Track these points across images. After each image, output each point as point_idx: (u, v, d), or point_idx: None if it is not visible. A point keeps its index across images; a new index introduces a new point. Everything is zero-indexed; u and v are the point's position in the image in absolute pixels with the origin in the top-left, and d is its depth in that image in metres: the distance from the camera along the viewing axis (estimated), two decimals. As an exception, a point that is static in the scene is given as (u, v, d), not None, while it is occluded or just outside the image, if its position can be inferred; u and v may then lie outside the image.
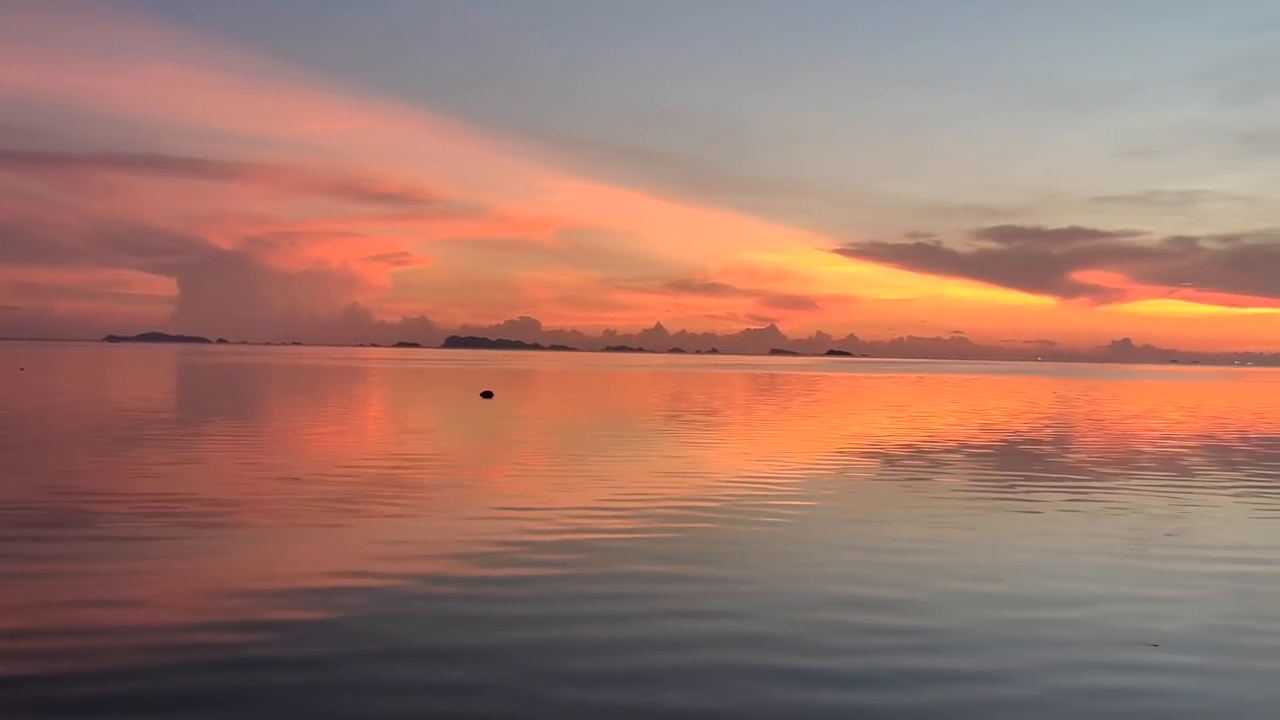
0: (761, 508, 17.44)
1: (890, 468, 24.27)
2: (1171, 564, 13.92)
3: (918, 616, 10.82)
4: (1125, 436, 36.72)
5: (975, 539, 15.32)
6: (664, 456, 25.32)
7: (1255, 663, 9.57)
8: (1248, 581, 12.97)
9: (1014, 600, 11.72)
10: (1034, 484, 22.07)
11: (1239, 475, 24.91)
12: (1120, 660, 9.51)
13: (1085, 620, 10.87)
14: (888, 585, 12.13)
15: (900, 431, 36.36)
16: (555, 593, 11.38)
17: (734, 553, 13.70)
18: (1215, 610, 11.47)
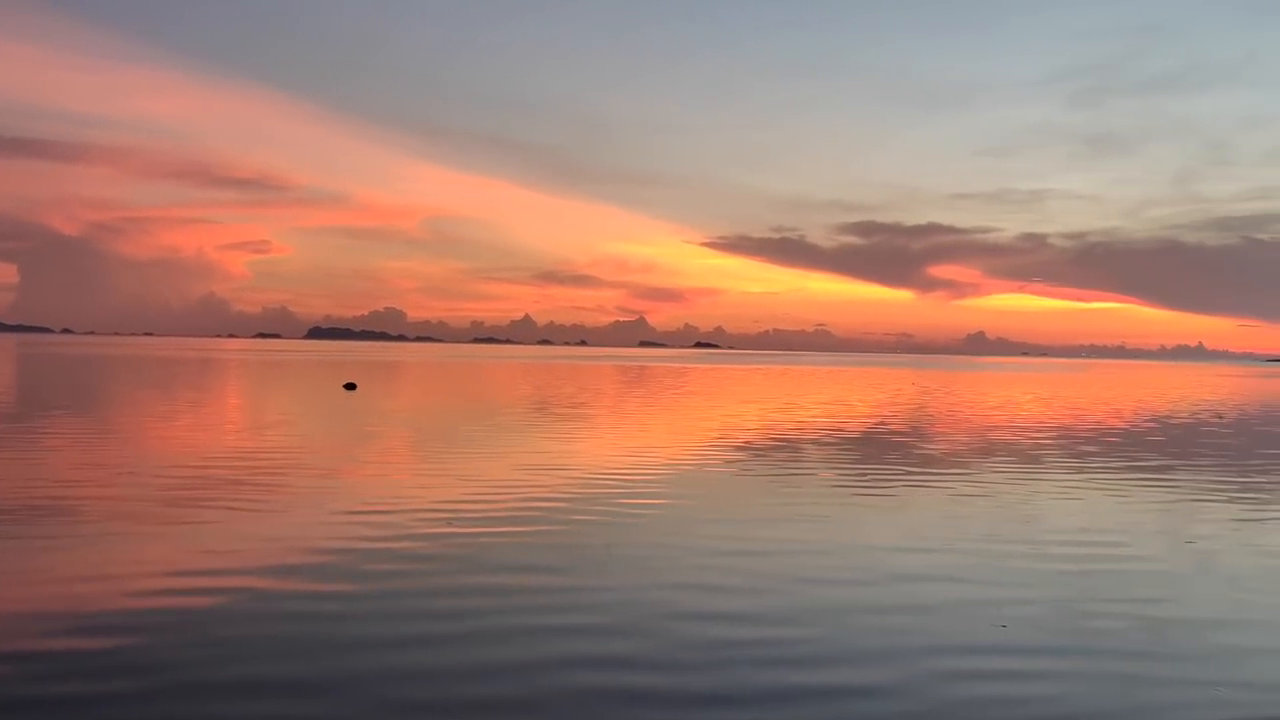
0: (626, 507, 16.87)
1: (756, 461, 24.44)
2: (1022, 548, 14.33)
3: (778, 623, 10.80)
4: (981, 426, 37.97)
5: (836, 533, 15.37)
6: (529, 452, 24.73)
7: (1096, 640, 9.88)
8: (1092, 563, 13.44)
9: (870, 589, 11.89)
10: (894, 474, 22.53)
11: (1087, 462, 25.96)
12: (971, 642, 9.72)
13: (939, 606, 11.08)
14: (748, 591, 11.85)
15: (766, 424, 36.80)
16: (394, 609, 10.37)
17: (594, 559, 12.99)
18: (1061, 591, 11.84)
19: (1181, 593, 12.00)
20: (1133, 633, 10.23)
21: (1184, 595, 11.87)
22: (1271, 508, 18.75)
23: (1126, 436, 34.62)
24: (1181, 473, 23.98)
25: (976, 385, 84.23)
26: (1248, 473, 24.31)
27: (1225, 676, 8.88)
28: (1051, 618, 10.68)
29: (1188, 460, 26.95)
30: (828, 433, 32.74)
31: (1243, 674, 8.99)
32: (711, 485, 19.97)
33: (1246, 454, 29.34)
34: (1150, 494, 20.24)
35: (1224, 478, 23.20)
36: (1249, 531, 16.26)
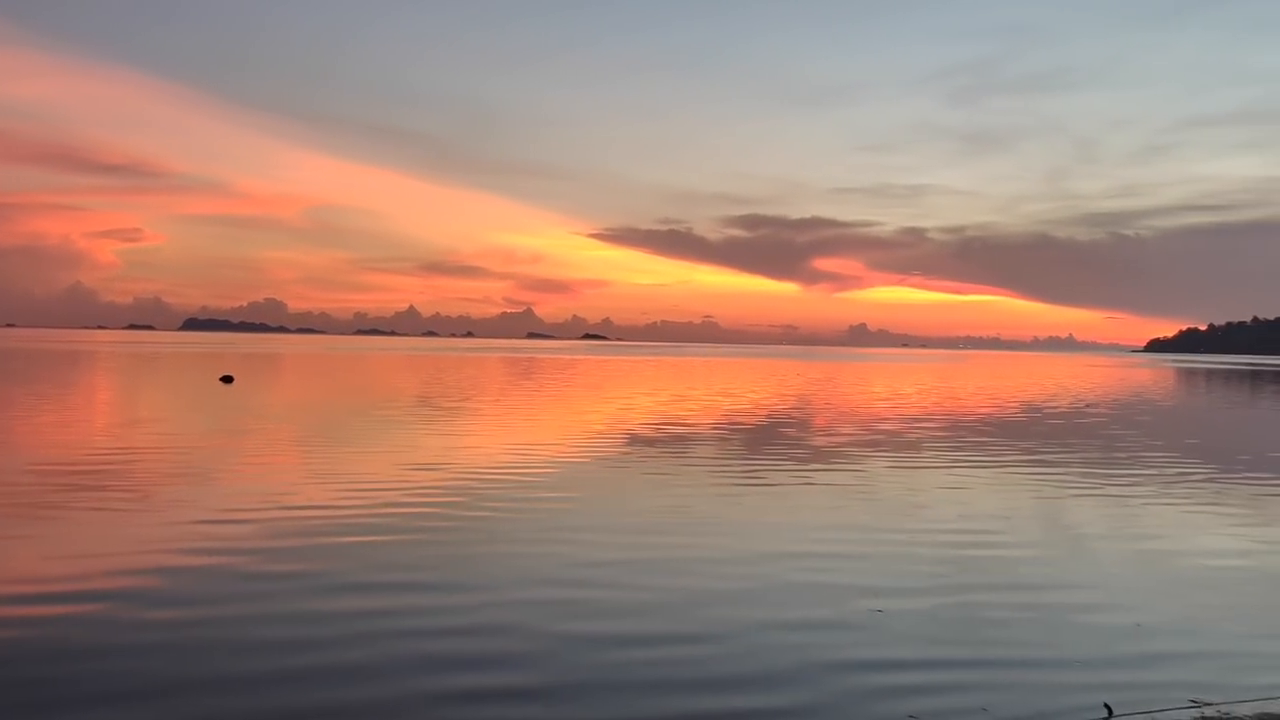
0: (511, 503, 16.43)
1: (643, 455, 24.39)
2: (902, 535, 14.62)
3: (652, 616, 10.77)
4: (864, 416, 38.72)
5: (718, 526, 15.37)
6: (412, 448, 23.97)
7: (971, 622, 10.09)
8: (969, 548, 13.76)
9: (747, 579, 11.95)
10: (779, 465, 22.76)
11: (965, 450, 26.64)
12: (846, 628, 9.87)
13: (816, 594, 11.23)
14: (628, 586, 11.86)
15: (654, 417, 36.89)
16: (264, 612, 9.87)
17: (475, 557, 12.49)
18: (938, 576, 12.09)
19: (1055, 575, 12.35)
20: (1007, 613, 10.48)
21: (1057, 577, 12.22)
22: (1138, 491, 19.49)
23: (1003, 425, 35.69)
24: (1055, 459, 24.79)
25: (859, 376, 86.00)
26: (1116, 458, 25.25)
27: (1097, 655, 9.14)
28: (927, 602, 10.88)
29: (1061, 447, 27.88)
30: (714, 425, 32.95)
31: (1113, 651, 9.26)
32: (598, 481, 19.66)
33: (1115, 440, 30.49)
34: (1026, 480, 20.86)
35: (1094, 463, 24.05)
36: (1118, 514, 16.86)
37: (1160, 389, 72.28)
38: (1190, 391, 70.72)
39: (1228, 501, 18.46)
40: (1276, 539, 15.08)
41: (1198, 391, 71.09)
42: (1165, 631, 9.98)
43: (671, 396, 48.12)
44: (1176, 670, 8.77)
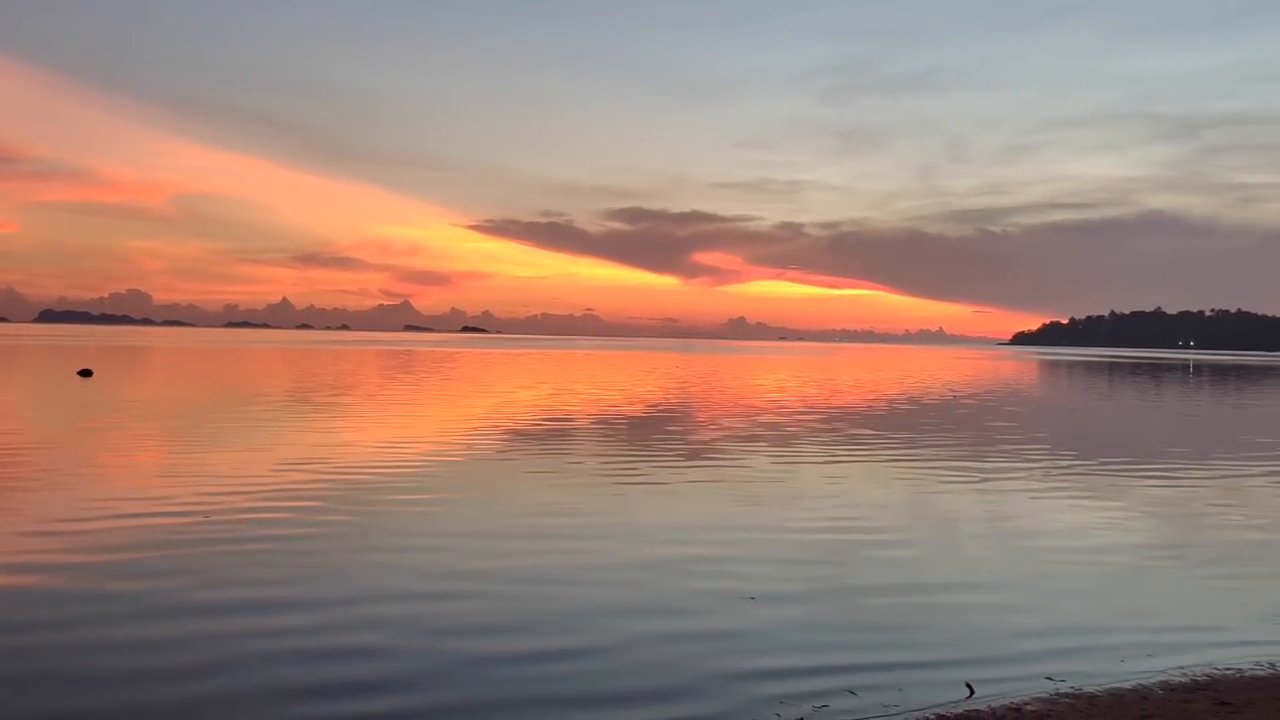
0: (383, 506, 15.64)
1: (523, 451, 24.12)
2: (779, 524, 14.82)
3: (518, 611, 10.66)
4: (743, 408, 39.15)
5: (596, 520, 15.36)
6: (280, 446, 22.98)
7: (844, 606, 10.27)
8: (844, 534, 14.01)
9: (623, 573, 11.94)
10: (658, 457, 22.84)
11: (841, 439, 27.14)
12: (717, 616, 9.93)
13: (690, 584, 11.27)
14: (508, 596, 11.84)
15: (534, 410, 36.66)
16: (91, 639, 8.98)
17: (342, 565, 11.61)
18: (813, 563, 12.26)
19: (924, 560, 12.64)
20: (877, 598, 10.69)
21: (926, 563, 12.51)
22: (1004, 478, 20.11)
23: (878, 416, 36.50)
24: (927, 449, 25.44)
25: (739, 369, 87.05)
26: (984, 447, 26.04)
27: (961, 636, 9.36)
28: (801, 590, 11.02)
29: (932, 437, 28.62)
30: (595, 420, 32.89)
31: (976, 633, 9.50)
32: (475, 480, 19.13)
33: (982, 430, 31.46)
34: (899, 470, 21.34)
35: (963, 452, 24.75)
36: (985, 501, 17.37)
37: (1024, 380, 75.00)
38: (1052, 383, 73.56)
39: (1088, 487, 19.19)
40: (1133, 522, 15.71)
41: (1059, 383, 73.99)
42: (1026, 613, 10.28)
43: (552, 391, 47.89)
44: (1036, 650, 9.02)
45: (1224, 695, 7.83)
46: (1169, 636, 9.51)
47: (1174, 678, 8.30)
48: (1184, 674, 8.40)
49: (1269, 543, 14.34)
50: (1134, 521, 15.75)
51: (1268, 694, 7.85)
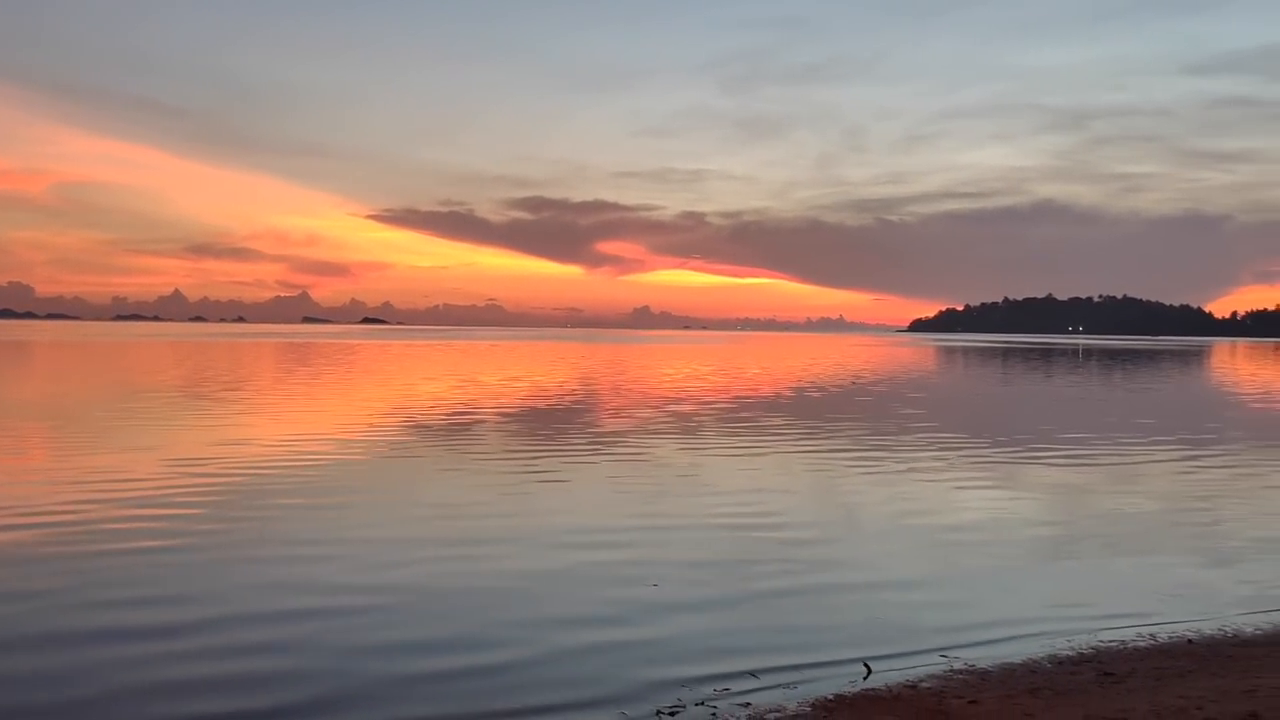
0: (276, 508, 14.93)
1: (426, 445, 23.84)
2: (684, 513, 14.94)
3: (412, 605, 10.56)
4: (649, 397, 39.27)
5: (500, 512, 15.32)
6: (169, 444, 22.10)
7: (745, 589, 10.36)
8: (748, 519, 14.14)
9: (527, 563, 11.90)
10: (564, 449, 22.79)
11: (747, 427, 27.39)
12: (621, 600, 9.99)
13: (594, 574, 11.28)
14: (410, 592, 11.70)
15: (437, 403, 36.26)
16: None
17: (229, 569, 10.99)
18: (716, 548, 12.35)
19: (824, 543, 12.85)
20: (778, 580, 10.83)
21: (826, 545, 12.71)
22: (903, 461, 20.53)
23: (780, 403, 36.95)
24: (830, 434, 25.83)
25: (644, 358, 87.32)
26: (885, 432, 26.54)
27: (859, 617, 9.52)
28: (704, 575, 11.12)
29: (835, 423, 29.07)
30: (499, 411, 32.67)
31: (873, 613, 9.67)
32: (376, 476, 18.78)
33: (883, 415, 32.06)
34: (803, 455, 21.64)
35: (864, 437, 25.19)
36: (885, 484, 17.72)
37: (923, 367, 76.68)
38: (950, 369, 75.36)
39: (985, 470, 19.69)
40: (1027, 503, 16.17)
41: (956, 369, 75.83)
42: (924, 592, 10.51)
43: (456, 383, 47.42)
44: (932, 629, 9.22)
45: (1108, 666, 8.10)
46: (1058, 612, 9.80)
47: (1061, 651, 8.56)
48: (1071, 647, 8.67)
49: (1153, 520, 14.88)
50: (1027, 503, 16.21)
51: (1148, 663, 8.15)
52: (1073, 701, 7.17)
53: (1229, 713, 6.79)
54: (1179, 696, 7.19)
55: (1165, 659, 8.30)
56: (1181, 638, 8.97)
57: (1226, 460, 21.49)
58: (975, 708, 7.07)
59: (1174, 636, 9.02)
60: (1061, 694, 7.38)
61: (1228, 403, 42.00)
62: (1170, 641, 8.87)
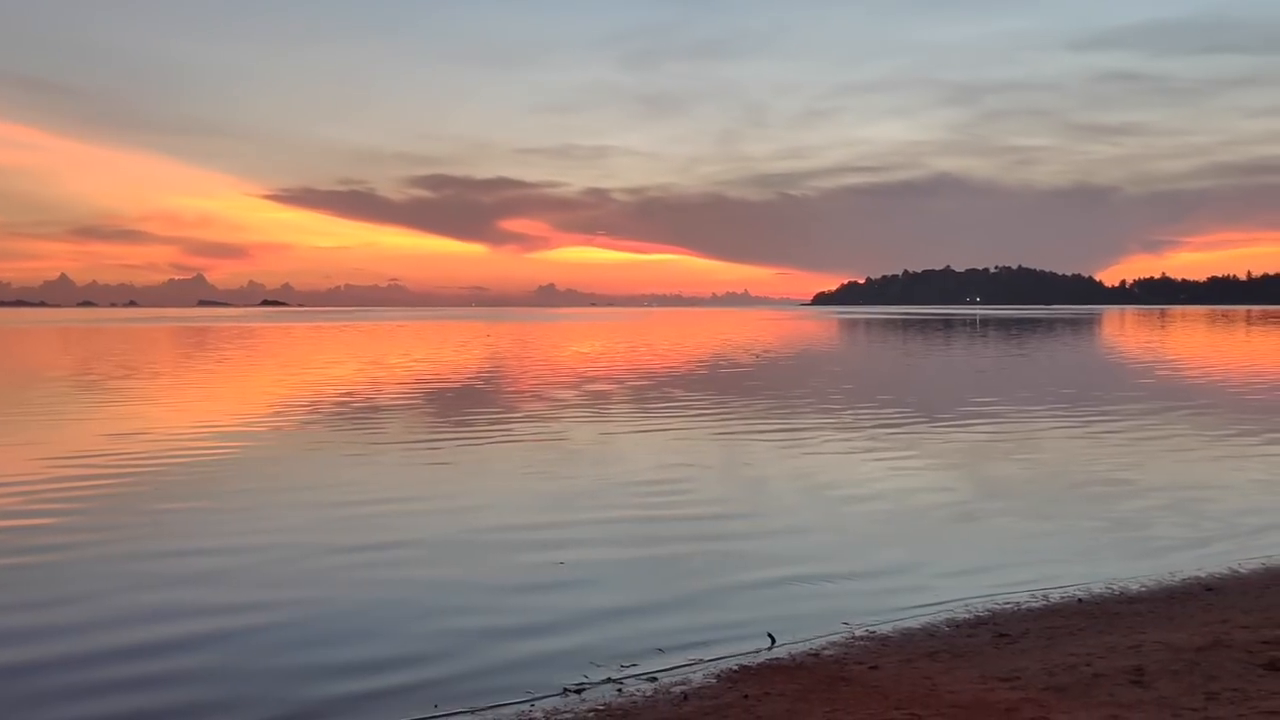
0: (171, 502, 14.31)
1: (329, 430, 23.36)
2: (592, 489, 14.93)
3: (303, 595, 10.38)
4: (556, 375, 39.15)
5: (413, 499, 15.12)
6: (53, 438, 21.38)
7: (649, 562, 10.40)
8: (654, 496, 14.17)
9: (431, 547, 11.77)
10: (471, 430, 22.61)
11: (657, 402, 27.46)
12: (528, 580, 9.97)
13: (499, 555, 11.20)
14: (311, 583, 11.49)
15: (340, 386, 35.64)
16: None
17: (120, 580, 10.09)
18: (623, 523, 12.36)
19: (731, 516, 12.97)
20: (684, 555, 10.89)
21: (733, 519, 12.84)
22: (810, 433, 20.80)
23: (688, 378, 37.15)
24: (737, 407, 26.05)
25: (551, 336, 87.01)
26: (791, 403, 26.87)
27: (763, 589, 9.62)
28: (611, 552, 11.17)
29: (742, 396, 29.32)
30: (404, 393, 32.24)
31: (777, 585, 9.79)
32: (280, 465, 18.28)
33: (789, 386, 32.44)
34: (711, 428, 21.80)
35: (772, 409, 25.46)
36: (790, 456, 17.94)
37: (825, 339, 77.84)
38: (852, 341, 76.59)
39: (888, 439, 20.06)
40: (928, 470, 16.52)
41: (858, 340, 77.11)
42: (828, 561, 10.67)
43: (360, 366, 46.67)
44: (835, 597, 9.38)
45: (1003, 627, 8.32)
46: (958, 577, 10.04)
47: (959, 615, 8.77)
48: (968, 611, 8.89)
49: (1049, 485, 15.34)
50: (930, 471, 16.56)
51: (1041, 624, 8.40)
52: (969, 663, 7.35)
53: (1115, 667, 7.03)
54: (1069, 654, 7.42)
55: (1057, 619, 8.56)
56: (1072, 598, 9.26)
57: (1119, 425, 22.23)
58: (875, 673, 7.20)
59: (1066, 597, 9.30)
60: (959, 656, 7.56)
61: (1120, 369, 43.47)
62: (1062, 602, 9.15)
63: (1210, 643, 7.49)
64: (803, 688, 6.95)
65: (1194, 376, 37.01)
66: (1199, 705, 6.23)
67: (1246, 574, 10.01)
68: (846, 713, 6.39)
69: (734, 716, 6.47)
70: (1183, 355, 52.04)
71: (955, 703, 6.47)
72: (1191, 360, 47.35)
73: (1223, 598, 9.06)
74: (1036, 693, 6.59)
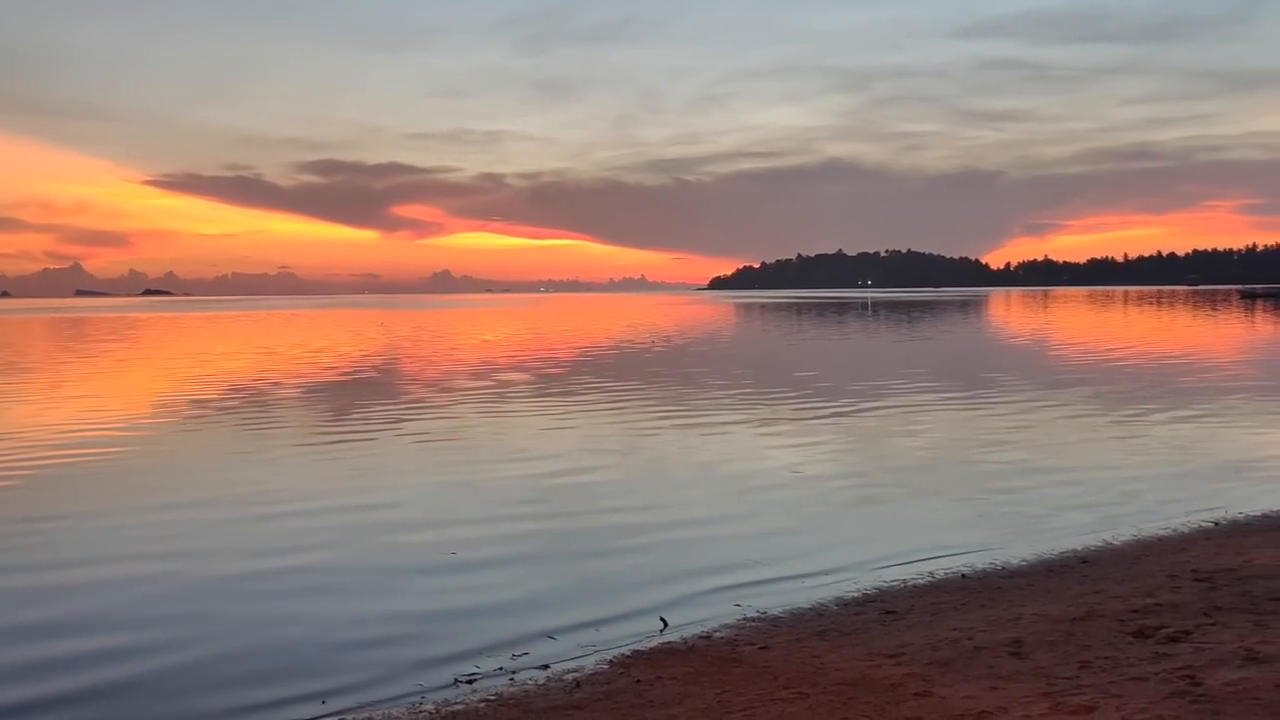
0: (48, 509, 13.82)
1: (218, 425, 22.73)
2: (489, 478, 14.83)
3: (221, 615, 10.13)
4: (453, 363, 38.75)
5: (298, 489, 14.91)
6: None
7: (540, 549, 10.35)
8: (550, 484, 14.14)
9: (322, 540, 11.57)
10: (365, 420, 22.25)
11: (551, 390, 27.36)
12: (419, 569, 9.91)
13: (396, 545, 11.05)
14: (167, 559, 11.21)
15: (229, 379, 34.71)
16: None
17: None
18: (517, 513, 12.30)
19: (626, 502, 13.01)
20: (577, 542, 10.91)
21: (628, 505, 12.86)
22: (704, 415, 20.95)
23: (585, 362, 37.10)
24: (634, 391, 26.10)
25: (446, 323, 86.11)
26: (688, 389, 27.03)
27: (657, 574, 9.66)
28: (504, 537, 11.11)
29: (639, 380, 29.39)
30: (296, 384, 31.54)
31: (671, 569, 9.84)
32: (163, 465, 17.53)
33: (685, 371, 32.64)
34: (607, 414, 21.80)
35: (669, 395, 25.58)
36: (689, 440, 18.05)
37: (721, 323, 78.56)
38: (747, 325, 77.44)
39: (783, 423, 20.33)
40: (821, 454, 16.76)
41: (754, 324, 77.99)
42: (721, 545, 10.77)
43: (249, 356, 45.52)
44: (729, 580, 9.44)
45: (890, 605, 8.50)
46: (849, 556, 10.21)
47: (848, 593, 8.93)
48: (857, 589, 9.06)
49: (938, 463, 15.73)
50: (823, 452, 16.81)
51: (926, 600, 8.60)
52: (856, 640, 7.49)
53: (996, 640, 7.24)
54: (953, 629, 7.62)
55: (942, 594, 8.78)
56: (957, 573, 9.50)
57: (1005, 405, 22.87)
58: (765, 653, 7.29)
59: (950, 572, 9.54)
60: (846, 634, 7.70)
61: (1006, 349, 44.79)
62: (947, 578, 9.38)
63: (1085, 613, 7.76)
64: (694, 670, 7.00)
65: (1076, 356, 38.35)
66: (1072, 674, 6.45)
67: (1120, 546, 10.39)
68: (736, 694, 6.45)
69: (625, 701, 6.49)
70: (1066, 336, 53.87)
71: (842, 680, 6.59)
72: (1074, 340, 49.05)
73: (1098, 569, 9.39)
74: (920, 667, 6.74)
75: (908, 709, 6.00)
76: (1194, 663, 6.48)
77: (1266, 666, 6.34)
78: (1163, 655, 6.70)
